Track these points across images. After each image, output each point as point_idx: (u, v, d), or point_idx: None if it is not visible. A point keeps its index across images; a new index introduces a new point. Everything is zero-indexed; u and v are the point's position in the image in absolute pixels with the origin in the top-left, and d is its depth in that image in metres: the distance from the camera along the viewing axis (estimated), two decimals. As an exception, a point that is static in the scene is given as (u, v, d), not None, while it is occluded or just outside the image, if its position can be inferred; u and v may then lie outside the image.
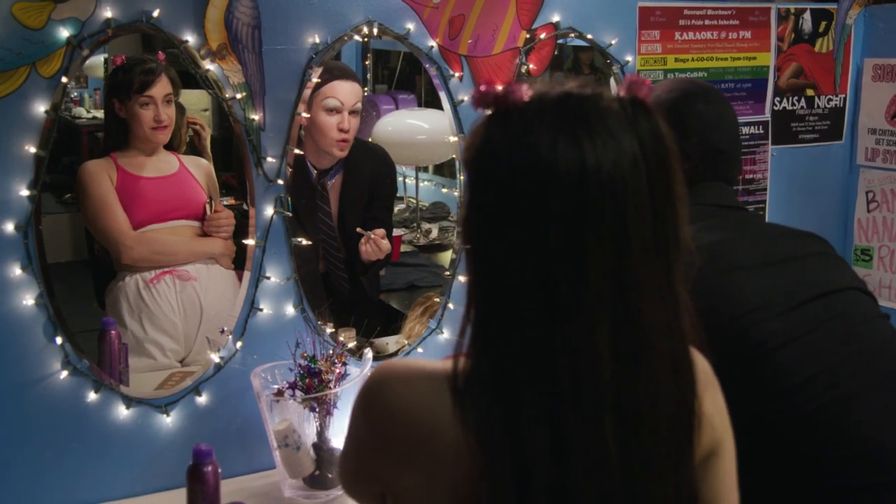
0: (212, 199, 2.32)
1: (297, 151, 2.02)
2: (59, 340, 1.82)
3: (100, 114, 2.78)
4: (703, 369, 1.05)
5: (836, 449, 1.46)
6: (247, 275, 2.01)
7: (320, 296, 2.34)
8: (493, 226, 0.92)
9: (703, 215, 1.61)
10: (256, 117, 1.95)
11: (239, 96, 1.93)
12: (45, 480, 1.85)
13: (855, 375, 1.49)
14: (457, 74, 2.17)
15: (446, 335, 2.23)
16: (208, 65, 1.89)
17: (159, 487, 1.94)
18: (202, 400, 1.98)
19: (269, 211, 2.00)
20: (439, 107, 2.29)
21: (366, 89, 3.63)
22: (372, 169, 2.65)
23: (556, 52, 2.33)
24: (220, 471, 1.70)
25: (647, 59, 2.49)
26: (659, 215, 0.91)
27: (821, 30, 2.77)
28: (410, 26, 2.10)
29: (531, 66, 2.25)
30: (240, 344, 2.00)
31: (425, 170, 3.83)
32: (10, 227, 1.76)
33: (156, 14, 1.82)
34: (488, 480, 0.91)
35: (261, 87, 1.95)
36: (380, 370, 1.04)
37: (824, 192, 2.89)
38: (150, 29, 1.83)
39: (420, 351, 2.23)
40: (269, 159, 1.98)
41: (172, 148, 2.37)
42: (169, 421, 1.95)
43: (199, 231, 2.32)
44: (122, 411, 1.91)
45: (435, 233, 3.50)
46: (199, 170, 2.40)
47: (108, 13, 1.78)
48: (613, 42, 2.37)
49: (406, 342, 2.26)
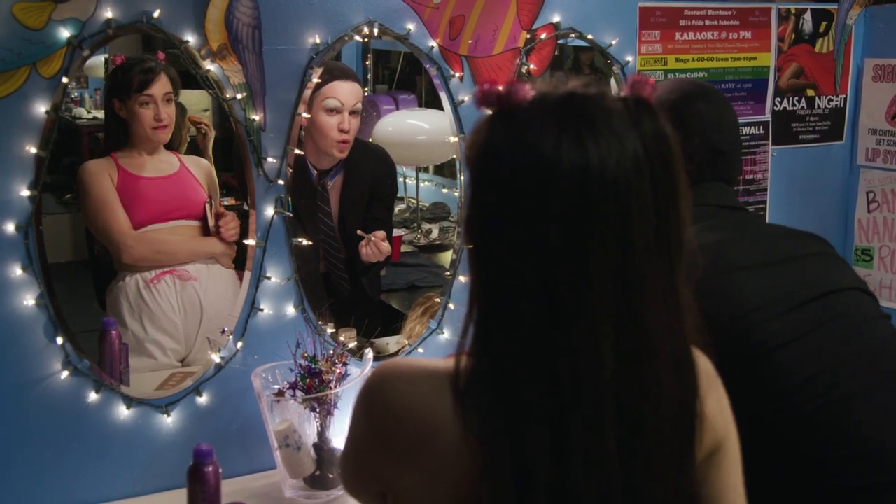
0: (212, 199, 2.32)
1: (297, 152, 2.02)
2: (60, 341, 1.82)
3: (100, 114, 2.78)
4: (706, 370, 1.05)
5: (837, 449, 1.46)
6: (247, 275, 2.01)
7: (321, 296, 2.34)
8: (496, 225, 0.92)
9: (704, 216, 1.61)
10: (257, 117, 1.95)
11: (239, 96, 1.93)
12: (45, 480, 1.85)
13: (855, 375, 1.49)
14: (457, 75, 2.17)
15: (447, 335, 2.23)
16: (209, 65, 1.89)
17: (159, 488, 1.94)
18: (203, 400, 1.98)
19: (269, 211, 2.00)
20: (440, 107, 2.29)
21: (366, 89, 3.63)
22: (372, 169, 2.65)
23: (556, 53, 2.33)
24: (220, 471, 1.70)
25: (648, 60, 2.49)
26: (662, 216, 0.91)
27: (821, 30, 2.77)
28: (411, 27, 2.10)
29: (531, 66, 2.26)
30: (240, 344, 2.00)
31: (426, 170, 3.82)
32: (10, 227, 1.76)
33: (156, 14, 1.82)
34: (488, 481, 0.91)
35: (261, 87, 1.95)
36: (381, 369, 1.04)
37: (825, 193, 2.89)
38: (151, 29, 1.84)
39: (420, 351, 2.23)
40: (270, 159, 1.98)
41: (173, 147, 2.37)
42: (169, 421, 1.95)
43: (199, 231, 2.32)
44: (123, 411, 1.91)
45: (435, 233, 3.50)
46: (200, 169, 2.40)
47: (108, 13, 1.78)
48: (614, 42, 2.37)
49: (406, 342, 2.26)
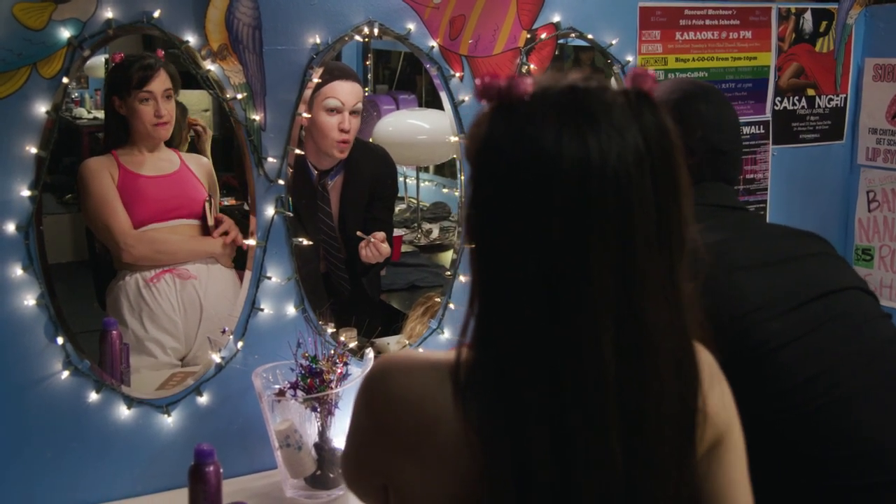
0: (211, 198, 2.32)
1: (297, 152, 2.02)
2: (60, 341, 1.82)
3: (100, 114, 2.78)
4: (709, 365, 1.05)
5: (837, 449, 1.46)
6: (248, 275, 2.02)
7: (321, 296, 2.34)
8: (496, 219, 0.91)
9: (704, 216, 1.60)
10: (257, 118, 1.95)
11: (240, 97, 1.93)
12: (45, 480, 1.85)
13: (855, 375, 1.49)
14: (457, 74, 2.17)
15: (447, 335, 2.23)
16: (209, 65, 1.89)
17: (160, 487, 1.94)
18: (203, 400, 1.98)
19: (269, 211, 2.00)
20: (440, 107, 2.29)
21: (366, 89, 3.63)
22: (373, 169, 2.65)
23: (556, 52, 2.33)
24: (221, 471, 1.70)
25: (648, 59, 2.49)
26: (663, 210, 0.91)
27: (821, 29, 2.77)
28: (411, 26, 2.10)
29: (532, 66, 2.26)
30: (241, 344, 2.00)
31: (426, 170, 3.83)
32: (11, 227, 1.76)
33: (156, 14, 1.82)
34: (488, 479, 0.91)
35: (262, 87, 1.95)
36: (382, 361, 1.04)
37: (825, 192, 2.89)
38: (151, 29, 1.84)
39: (421, 351, 2.23)
40: (270, 160, 1.98)
41: (173, 145, 2.36)
42: (170, 421, 1.95)
43: (199, 230, 2.32)
44: (123, 411, 1.91)
45: (436, 233, 3.50)
46: (200, 168, 2.40)
47: (108, 14, 1.78)
48: (614, 42, 2.37)
49: (407, 342, 2.26)
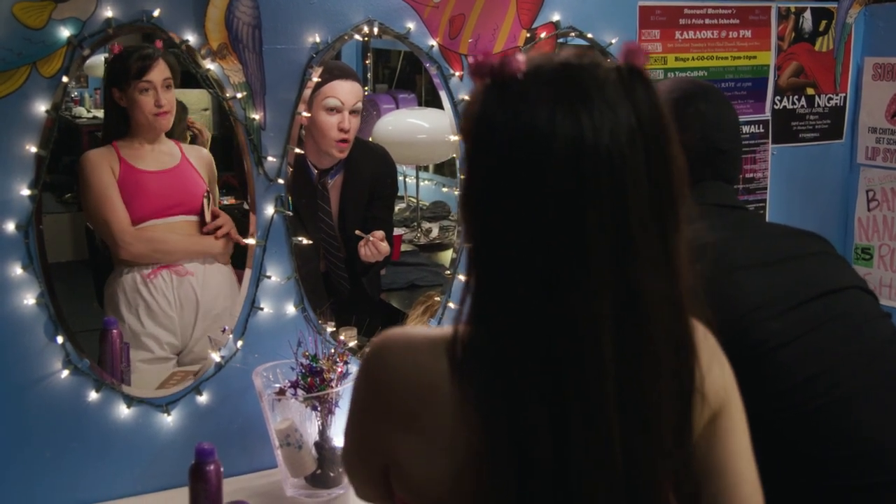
0: (209, 193, 2.32)
1: (297, 151, 2.02)
2: (60, 340, 1.82)
3: (100, 113, 2.78)
4: (708, 343, 1.05)
5: (837, 449, 1.46)
6: (248, 274, 2.02)
7: (321, 295, 2.34)
8: (490, 198, 0.92)
9: (704, 215, 1.61)
10: (257, 117, 1.95)
11: (239, 96, 1.93)
12: (45, 480, 1.85)
13: (855, 375, 1.49)
14: (457, 74, 2.17)
15: (447, 334, 2.22)
16: (209, 64, 1.89)
17: (160, 487, 1.95)
18: (203, 399, 1.98)
19: (269, 210, 2.00)
20: (440, 106, 2.29)
21: (366, 89, 3.63)
22: (372, 168, 2.65)
23: (556, 52, 2.33)
24: (222, 470, 1.70)
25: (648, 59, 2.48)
26: (656, 186, 0.91)
27: (821, 29, 2.77)
28: (411, 25, 2.10)
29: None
30: (241, 343, 2.00)
31: (426, 169, 3.82)
32: (10, 226, 1.76)
33: (156, 14, 1.82)
34: (487, 452, 0.91)
35: (261, 86, 1.95)
36: (380, 337, 1.05)
37: (825, 191, 2.89)
38: (151, 28, 1.84)
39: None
40: (270, 159, 1.98)
41: (174, 137, 2.35)
42: (170, 420, 1.95)
43: (198, 226, 2.32)
44: (123, 410, 1.91)
45: (435, 232, 3.50)
46: (201, 160, 2.38)
47: (108, 13, 1.78)
48: (613, 41, 2.37)
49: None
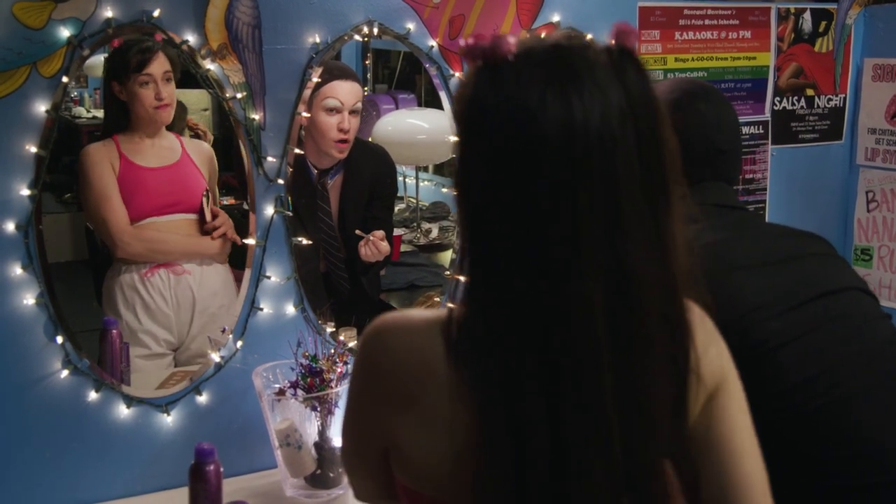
0: (209, 192, 2.32)
1: (297, 151, 2.02)
2: (60, 340, 1.82)
3: (100, 113, 2.78)
4: (705, 326, 1.05)
5: (836, 449, 1.46)
6: (247, 274, 2.02)
7: (321, 295, 2.34)
8: (483, 179, 0.92)
9: (704, 215, 1.61)
10: (257, 117, 1.95)
11: (239, 96, 1.93)
12: (45, 480, 1.85)
13: (855, 375, 1.49)
14: (457, 74, 2.17)
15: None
16: (209, 64, 1.89)
17: (160, 487, 1.94)
18: (203, 399, 1.98)
19: (269, 210, 2.00)
20: (439, 106, 2.29)
21: (366, 89, 3.63)
22: (372, 168, 2.65)
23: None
24: (222, 470, 1.70)
25: (647, 59, 2.49)
26: (648, 168, 0.91)
27: (821, 30, 2.77)
28: (411, 26, 2.10)
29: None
30: (240, 343, 2.00)
31: (425, 169, 3.83)
32: (10, 226, 1.76)
33: (156, 14, 1.82)
34: (484, 435, 0.92)
35: (261, 86, 1.95)
36: (377, 321, 1.05)
37: (824, 192, 2.89)
38: (151, 29, 1.83)
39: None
40: (270, 159, 1.98)
41: (175, 130, 2.34)
42: (169, 420, 1.95)
43: (196, 225, 2.32)
44: (123, 411, 1.91)
45: (435, 232, 3.50)
46: (202, 155, 2.38)
47: (108, 13, 1.78)
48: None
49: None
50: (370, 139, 3.03)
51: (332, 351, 1.95)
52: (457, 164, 0.96)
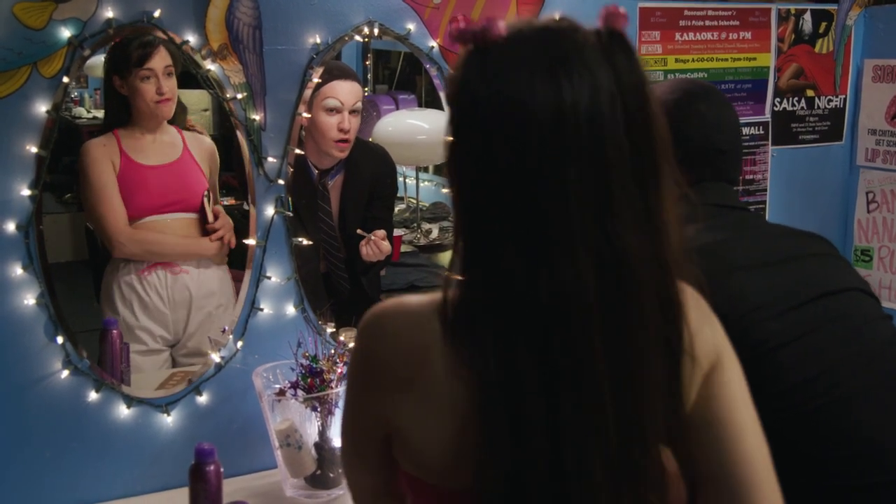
0: (210, 193, 2.31)
1: (297, 151, 2.02)
2: (60, 340, 1.82)
3: (100, 114, 2.78)
4: (698, 305, 1.06)
5: (836, 449, 1.46)
6: (248, 274, 2.02)
7: (321, 296, 2.34)
8: (475, 160, 0.93)
9: (704, 215, 1.61)
10: (257, 117, 1.95)
11: (240, 96, 1.93)
12: (45, 480, 1.85)
13: (855, 376, 1.49)
14: (457, 74, 2.17)
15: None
16: (209, 65, 1.90)
17: (160, 487, 1.94)
18: (203, 399, 1.98)
19: (269, 211, 2.00)
20: (440, 107, 2.29)
21: (366, 89, 3.63)
22: (373, 169, 2.65)
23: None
24: (222, 470, 1.70)
25: (648, 60, 2.49)
26: (637, 148, 0.92)
27: (821, 30, 2.77)
28: (411, 26, 2.10)
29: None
30: (241, 343, 2.00)
31: (425, 170, 3.83)
32: (11, 226, 1.76)
33: (157, 14, 1.82)
34: (481, 410, 0.93)
35: (262, 87, 1.95)
36: (373, 308, 1.06)
37: (824, 193, 2.89)
38: (152, 29, 1.84)
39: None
40: (270, 159, 1.98)
41: (176, 123, 2.33)
42: (170, 420, 1.95)
43: (196, 224, 2.31)
44: (123, 411, 1.91)
45: (435, 233, 3.50)
46: (203, 151, 2.37)
47: (109, 13, 1.78)
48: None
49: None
50: (370, 140, 3.03)
51: (333, 351, 1.95)
52: (449, 148, 0.97)
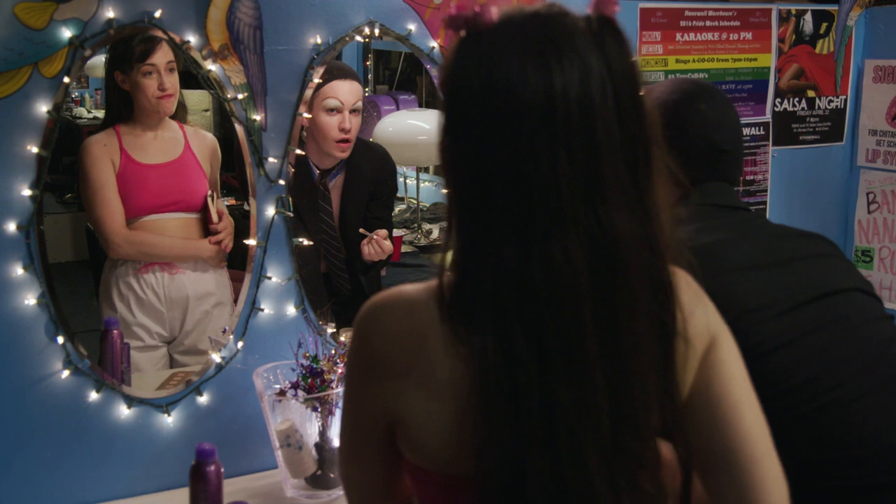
0: (213, 195, 2.31)
1: (298, 152, 2.02)
2: (61, 340, 1.82)
3: (100, 114, 2.78)
4: (690, 288, 1.06)
5: (836, 450, 1.45)
6: (248, 275, 2.01)
7: (322, 296, 2.34)
8: (467, 146, 0.95)
9: (703, 215, 1.61)
10: (258, 118, 1.95)
11: (241, 97, 1.93)
12: (46, 480, 1.85)
13: (855, 377, 1.49)
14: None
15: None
16: (210, 65, 1.89)
17: (160, 487, 1.94)
18: (203, 400, 1.98)
19: (270, 211, 2.00)
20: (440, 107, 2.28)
21: (367, 90, 3.63)
22: (373, 169, 2.65)
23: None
24: (222, 470, 1.70)
25: (649, 60, 2.49)
26: (627, 132, 0.93)
27: (822, 31, 2.77)
28: (412, 27, 2.10)
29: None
30: (241, 344, 2.00)
31: (426, 170, 3.83)
32: (11, 226, 1.76)
33: (158, 14, 1.82)
34: (481, 390, 0.94)
35: (262, 87, 1.95)
36: (368, 302, 1.07)
37: (825, 194, 2.89)
38: (152, 29, 1.83)
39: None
40: (271, 160, 1.98)
41: (178, 118, 2.33)
42: (170, 421, 1.95)
43: (196, 223, 2.31)
44: (124, 411, 1.91)
45: (436, 233, 3.50)
46: (204, 148, 2.37)
47: (109, 13, 1.78)
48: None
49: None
50: (371, 140, 3.03)
51: (333, 352, 1.95)
52: (441, 133, 0.98)
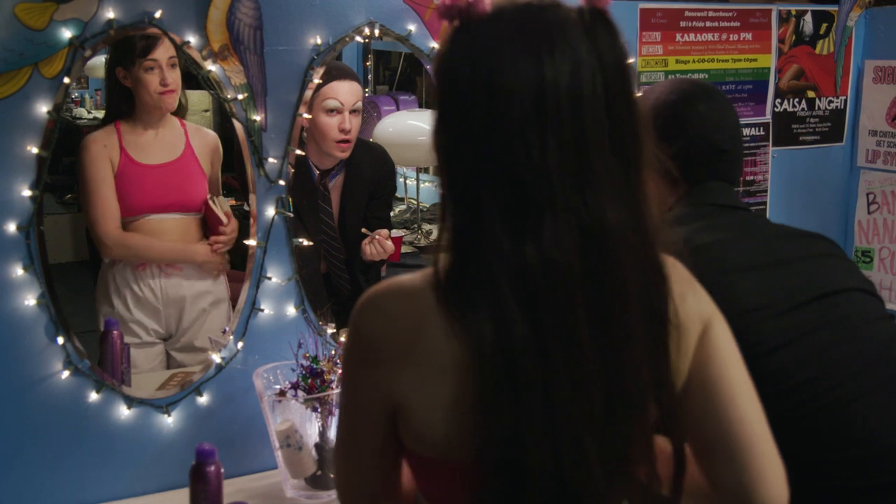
0: (214, 199, 2.31)
1: (298, 152, 2.02)
2: (61, 340, 1.82)
3: (100, 114, 2.78)
4: (679, 273, 1.07)
5: (836, 450, 1.46)
6: (248, 275, 2.01)
7: (322, 296, 2.34)
8: (460, 134, 0.96)
9: (703, 215, 1.61)
10: (258, 118, 1.95)
11: (241, 97, 1.93)
12: (46, 480, 1.85)
13: (855, 377, 1.49)
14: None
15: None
16: (210, 66, 1.90)
17: (160, 487, 1.94)
18: (203, 400, 1.98)
19: (270, 211, 2.00)
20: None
21: (367, 90, 3.63)
22: (373, 169, 2.65)
23: None
24: (222, 471, 1.70)
25: (649, 61, 2.49)
26: (617, 123, 0.95)
27: (822, 32, 2.77)
28: (412, 27, 2.10)
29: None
30: (241, 344, 2.00)
31: (426, 171, 3.82)
32: (11, 227, 1.76)
33: (158, 15, 1.82)
34: (478, 369, 0.94)
35: (262, 87, 1.95)
36: (364, 294, 1.10)
37: (825, 194, 2.89)
38: (153, 30, 1.84)
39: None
40: (271, 160, 1.98)
41: (179, 115, 2.33)
42: (170, 421, 1.95)
43: (193, 224, 2.31)
44: (124, 411, 1.91)
45: (436, 234, 3.49)
46: (206, 147, 2.37)
47: (109, 14, 1.78)
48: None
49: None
50: (371, 140, 3.03)
51: (333, 352, 1.96)
52: (435, 122, 0.99)
